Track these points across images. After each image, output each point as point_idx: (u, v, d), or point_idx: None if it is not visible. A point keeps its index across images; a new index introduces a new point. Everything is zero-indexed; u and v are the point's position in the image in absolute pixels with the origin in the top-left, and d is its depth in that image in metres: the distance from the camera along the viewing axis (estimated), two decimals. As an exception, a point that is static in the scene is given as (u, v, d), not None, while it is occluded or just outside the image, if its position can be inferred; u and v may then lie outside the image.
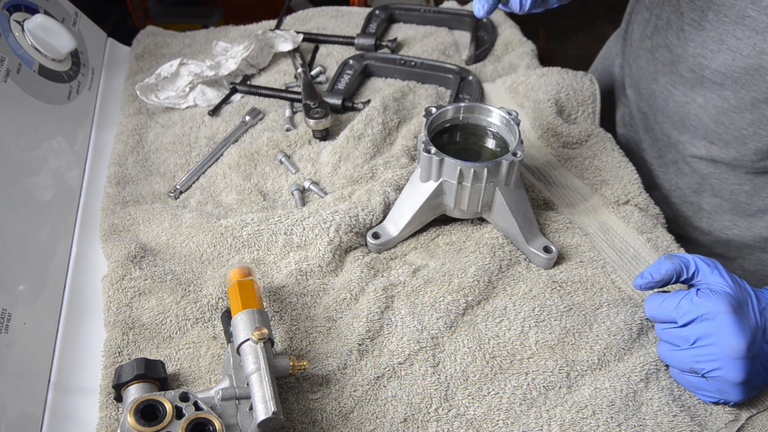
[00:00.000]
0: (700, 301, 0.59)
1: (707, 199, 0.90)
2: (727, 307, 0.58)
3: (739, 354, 0.56)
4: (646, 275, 0.64)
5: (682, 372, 0.62)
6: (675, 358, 0.61)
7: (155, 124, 0.97)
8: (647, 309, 0.65)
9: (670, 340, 0.62)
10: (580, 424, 0.60)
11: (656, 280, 0.63)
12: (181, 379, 0.64)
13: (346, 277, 0.72)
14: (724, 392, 0.59)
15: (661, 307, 0.63)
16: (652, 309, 0.64)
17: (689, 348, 0.60)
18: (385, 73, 1.04)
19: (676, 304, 0.61)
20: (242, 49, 1.02)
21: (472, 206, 0.73)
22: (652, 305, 0.64)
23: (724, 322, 0.57)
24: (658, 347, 0.64)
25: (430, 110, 0.74)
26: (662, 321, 0.63)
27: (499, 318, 0.68)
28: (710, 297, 0.59)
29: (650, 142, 0.96)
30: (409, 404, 0.62)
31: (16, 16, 0.89)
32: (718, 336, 0.57)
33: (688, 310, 0.60)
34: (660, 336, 0.64)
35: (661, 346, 0.64)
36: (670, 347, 0.62)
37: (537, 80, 0.96)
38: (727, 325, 0.57)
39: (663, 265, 0.63)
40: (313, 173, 0.87)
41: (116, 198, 0.84)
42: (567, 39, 2.53)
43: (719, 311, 0.58)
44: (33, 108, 0.85)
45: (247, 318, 0.59)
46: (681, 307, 0.60)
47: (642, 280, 0.64)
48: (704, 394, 0.61)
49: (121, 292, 0.69)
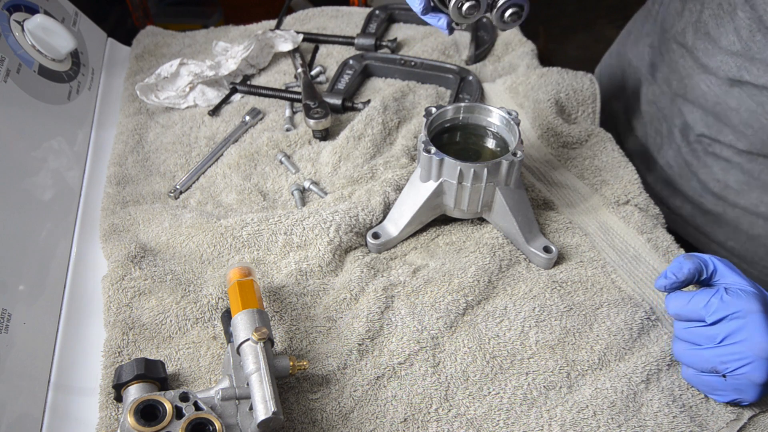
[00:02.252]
0: (730, 299, 0.58)
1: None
2: (759, 306, 0.57)
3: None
4: (670, 275, 0.63)
5: (700, 372, 0.61)
6: (695, 358, 0.60)
7: (155, 124, 0.97)
8: (671, 307, 0.63)
9: (692, 339, 0.61)
10: (580, 425, 0.60)
11: (680, 280, 0.62)
12: (181, 379, 0.64)
13: (346, 277, 0.72)
14: (741, 392, 0.59)
15: (689, 305, 0.61)
16: (678, 307, 0.62)
17: (715, 347, 0.59)
18: (385, 73, 1.04)
19: (706, 302, 0.59)
20: (242, 49, 1.02)
21: (472, 206, 0.73)
22: (677, 303, 0.62)
23: (756, 321, 0.57)
24: (674, 347, 0.63)
25: (430, 110, 0.74)
26: (688, 319, 0.62)
27: (500, 318, 0.68)
28: (741, 296, 0.58)
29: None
30: (410, 404, 0.62)
31: (16, 16, 0.89)
32: (748, 334, 0.57)
33: (718, 308, 0.58)
34: (681, 336, 0.62)
35: (680, 345, 0.62)
36: (691, 347, 0.61)
37: (537, 80, 0.96)
38: (759, 323, 0.56)
39: (685, 265, 0.62)
40: (313, 173, 0.87)
41: (116, 198, 0.84)
42: (567, 39, 2.53)
43: (752, 310, 0.57)
44: (33, 108, 0.85)
45: (247, 318, 0.59)
46: (711, 305, 0.59)
47: (666, 280, 0.63)
48: (720, 395, 0.61)
49: (121, 292, 0.69)
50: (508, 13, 0.68)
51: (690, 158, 0.93)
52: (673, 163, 0.96)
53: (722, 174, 0.89)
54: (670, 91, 0.94)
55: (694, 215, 0.96)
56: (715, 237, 0.96)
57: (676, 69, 0.92)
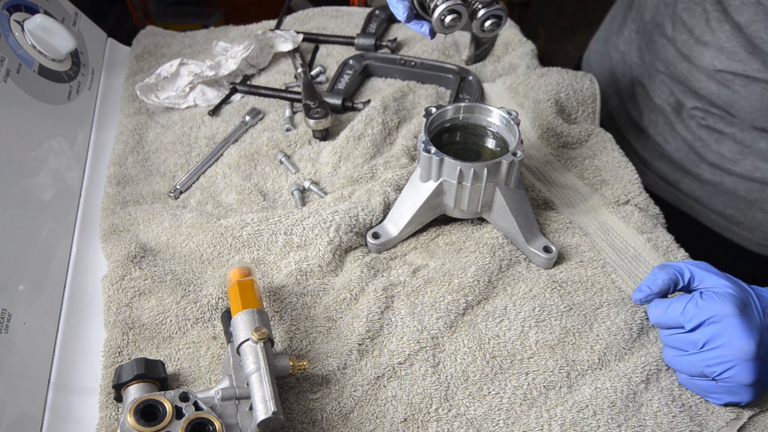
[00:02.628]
0: (705, 304, 0.59)
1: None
2: (734, 309, 0.57)
3: (750, 355, 0.56)
4: (644, 288, 0.64)
5: (691, 377, 0.61)
6: (683, 363, 0.61)
7: (155, 124, 0.97)
8: (652, 317, 0.64)
9: (677, 345, 0.61)
10: (580, 425, 0.60)
11: (655, 292, 0.64)
12: (181, 379, 0.64)
13: (346, 277, 0.72)
14: (735, 393, 0.59)
15: (666, 313, 0.62)
16: (658, 316, 0.63)
17: (698, 352, 0.59)
18: (385, 73, 1.04)
19: (682, 309, 0.60)
20: (242, 49, 1.02)
21: (472, 206, 0.73)
22: (656, 312, 0.64)
23: (732, 324, 0.57)
24: (663, 353, 0.64)
25: (430, 110, 0.74)
26: (668, 327, 0.63)
27: (500, 318, 0.68)
28: (715, 299, 0.59)
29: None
30: (410, 404, 0.62)
31: (16, 16, 0.89)
32: (727, 338, 0.57)
33: (694, 315, 0.59)
34: (666, 342, 0.63)
35: (668, 351, 0.63)
36: (678, 353, 0.62)
37: (537, 80, 0.96)
38: (735, 327, 0.57)
39: (659, 276, 0.63)
40: (313, 173, 0.87)
41: (116, 198, 0.84)
42: (567, 39, 2.53)
43: (726, 313, 0.57)
44: (33, 108, 0.85)
45: (247, 318, 0.59)
46: (687, 312, 0.60)
47: (641, 294, 0.65)
48: (715, 397, 0.61)
49: (121, 292, 0.69)
50: (488, 24, 0.70)
51: (684, 133, 0.95)
52: (669, 138, 0.98)
53: (716, 145, 0.91)
54: (658, 74, 0.96)
55: (693, 187, 0.98)
56: (714, 207, 0.97)
57: (661, 57, 0.95)
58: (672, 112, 0.95)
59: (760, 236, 0.96)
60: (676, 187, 1.00)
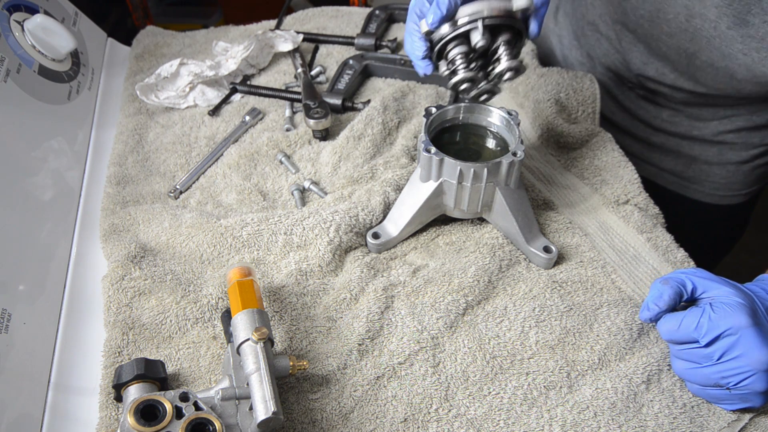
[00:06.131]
0: (718, 317, 0.58)
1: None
2: (748, 320, 0.57)
3: (767, 365, 0.56)
4: (652, 306, 0.62)
5: (703, 387, 0.60)
6: (697, 376, 0.60)
7: (155, 124, 0.97)
8: (664, 333, 0.63)
9: (690, 359, 0.61)
10: (581, 425, 0.60)
11: (663, 309, 0.62)
12: (181, 379, 0.64)
13: (346, 277, 0.72)
14: (748, 400, 0.59)
15: (679, 330, 0.60)
16: (670, 332, 0.62)
17: (713, 364, 0.58)
18: (385, 73, 1.04)
19: (696, 324, 0.59)
20: (242, 49, 1.02)
21: (472, 206, 0.73)
22: (668, 328, 0.62)
23: (748, 336, 0.57)
24: (674, 365, 0.63)
25: (430, 110, 0.74)
26: (682, 342, 0.61)
27: (500, 318, 0.68)
28: (727, 311, 0.58)
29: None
30: (410, 404, 0.62)
31: (16, 16, 0.89)
32: (743, 349, 0.57)
33: (709, 329, 0.58)
34: (679, 356, 0.62)
35: (680, 364, 0.62)
36: (691, 365, 0.61)
37: (537, 80, 0.96)
38: (752, 338, 0.56)
39: (664, 292, 0.62)
40: (313, 173, 0.86)
41: (116, 198, 0.84)
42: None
43: (741, 325, 0.57)
44: (33, 108, 0.85)
45: (247, 318, 0.59)
46: (701, 327, 0.58)
47: (650, 312, 0.63)
48: (727, 404, 0.61)
49: (121, 292, 0.69)
50: (506, 76, 0.70)
51: (628, 104, 1.05)
52: (615, 109, 1.07)
53: (656, 111, 1.02)
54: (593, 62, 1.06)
55: (643, 151, 1.08)
56: (664, 166, 1.08)
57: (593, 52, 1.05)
58: (615, 86, 1.05)
59: (709, 187, 1.05)
60: (629, 152, 1.01)
